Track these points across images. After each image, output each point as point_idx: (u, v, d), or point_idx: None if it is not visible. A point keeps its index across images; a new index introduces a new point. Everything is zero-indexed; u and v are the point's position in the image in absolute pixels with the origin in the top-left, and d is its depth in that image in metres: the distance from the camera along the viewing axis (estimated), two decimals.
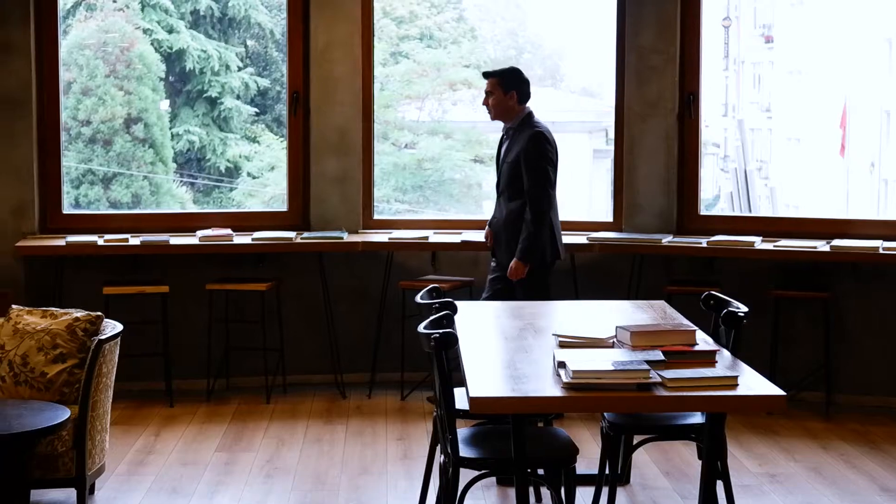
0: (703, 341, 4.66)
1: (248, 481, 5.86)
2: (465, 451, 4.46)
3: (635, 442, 5.33)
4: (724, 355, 4.51)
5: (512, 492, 5.45)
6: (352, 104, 7.67)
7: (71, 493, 5.34)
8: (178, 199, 11.66)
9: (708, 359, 4.36)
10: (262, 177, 11.55)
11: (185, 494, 5.67)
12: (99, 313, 5.54)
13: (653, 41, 7.59)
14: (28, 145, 7.45)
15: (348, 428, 6.78)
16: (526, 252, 6.67)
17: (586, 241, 7.41)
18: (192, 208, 10.64)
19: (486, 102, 6.89)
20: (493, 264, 6.97)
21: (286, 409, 7.17)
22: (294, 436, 6.62)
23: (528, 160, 6.69)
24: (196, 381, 7.47)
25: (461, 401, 4.57)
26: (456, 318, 5.01)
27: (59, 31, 7.61)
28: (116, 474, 5.91)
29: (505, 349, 4.80)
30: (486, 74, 6.94)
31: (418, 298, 5.26)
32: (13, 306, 5.68)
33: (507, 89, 6.81)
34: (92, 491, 5.53)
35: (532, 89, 6.89)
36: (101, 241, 7.25)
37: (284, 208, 7.82)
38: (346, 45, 7.65)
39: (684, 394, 4.02)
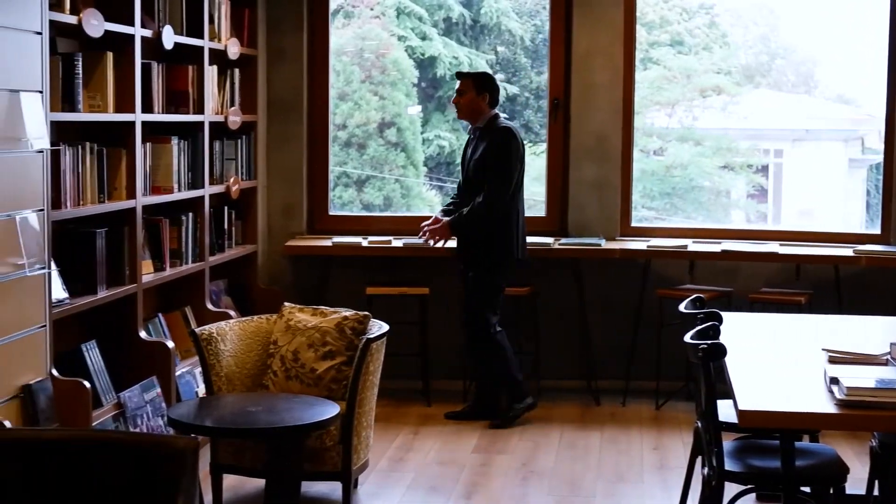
0: None
1: (504, 483, 5.93)
2: (729, 465, 4.40)
3: None
4: None
5: None
6: (611, 110, 7.67)
7: (336, 487, 5.51)
8: (428, 202, 11.86)
9: None
10: None
11: (444, 493, 5.78)
12: (366, 313, 5.70)
13: None
14: (299, 148, 7.76)
15: (603, 435, 6.78)
16: (458, 222, 6.88)
17: (852, 254, 7.19)
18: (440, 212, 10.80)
19: (456, 101, 6.99)
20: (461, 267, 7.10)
21: (540, 413, 7.21)
22: (549, 440, 6.67)
23: (494, 155, 6.80)
24: (452, 381, 7.60)
25: (724, 413, 4.52)
26: (721, 328, 4.94)
27: (330, 38, 7.89)
28: (378, 470, 6.07)
29: (773, 362, 4.71)
30: (459, 74, 7.06)
31: (682, 308, 5.21)
32: (285, 304, 5.90)
33: (480, 91, 6.93)
34: (356, 485, 5.69)
35: (785, 96, 6.76)
36: (365, 243, 7.47)
37: (542, 214, 7.88)
38: (606, 52, 7.65)
39: None
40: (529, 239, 7.48)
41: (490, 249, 6.85)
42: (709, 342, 4.29)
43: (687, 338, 4.47)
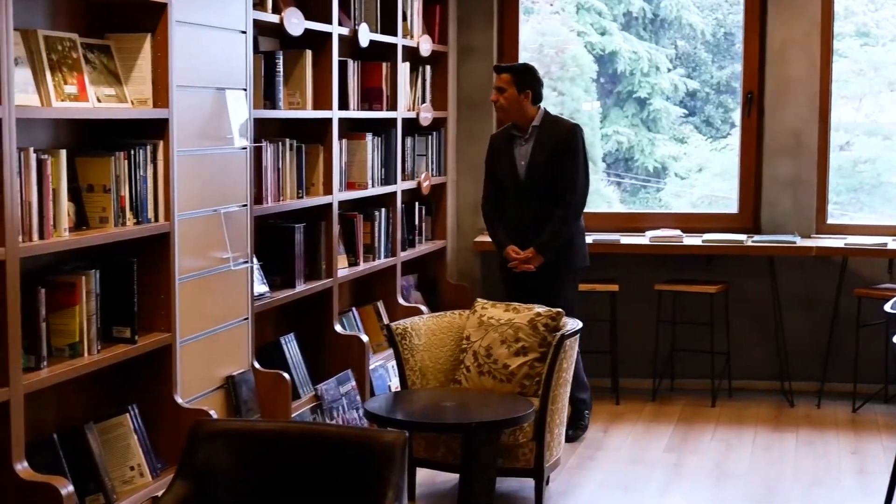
0: None
1: (697, 484, 5.84)
2: None
3: None
4: None
5: None
6: (807, 105, 7.47)
7: (528, 483, 5.51)
8: (606, 198, 11.79)
9: None
10: (688, 177, 11.50)
11: (636, 492, 5.71)
12: (559, 309, 5.66)
13: None
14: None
15: (798, 437, 6.62)
16: (547, 245, 6.33)
17: None
18: (619, 208, 10.72)
19: (495, 99, 6.39)
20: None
21: (732, 413, 7.09)
22: (742, 441, 6.53)
23: (574, 154, 6.32)
24: (641, 380, 7.53)
25: None
26: None
27: (520, 35, 7.90)
28: (568, 468, 6.04)
29: None
30: (498, 68, 6.45)
31: (888, 308, 5.05)
32: (478, 300, 5.91)
33: (522, 88, 6.34)
34: (547, 482, 5.66)
35: None
36: None
37: (733, 210, 7.74)
38: (802, 45, 7.46)
39: None
40: (720, 236, 7.37)
41: (574, 256, 6.53)
42: None
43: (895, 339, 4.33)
